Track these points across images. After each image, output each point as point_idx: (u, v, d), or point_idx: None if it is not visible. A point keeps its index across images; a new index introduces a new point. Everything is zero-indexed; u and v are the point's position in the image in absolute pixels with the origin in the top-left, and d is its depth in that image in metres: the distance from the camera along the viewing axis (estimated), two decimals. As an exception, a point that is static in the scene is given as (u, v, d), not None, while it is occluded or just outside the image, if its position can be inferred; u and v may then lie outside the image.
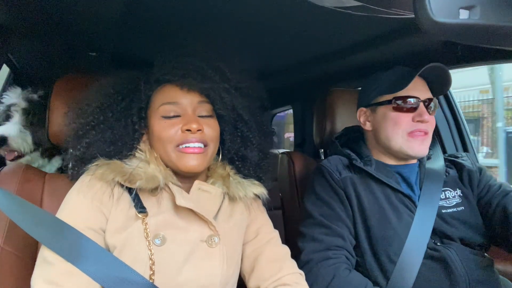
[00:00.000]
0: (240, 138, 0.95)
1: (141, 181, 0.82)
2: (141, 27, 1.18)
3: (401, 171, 1.18)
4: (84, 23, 1.17)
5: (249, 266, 0.96)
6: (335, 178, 1.15)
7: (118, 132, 0.88)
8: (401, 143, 1.13)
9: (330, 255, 1.04)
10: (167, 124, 0.86)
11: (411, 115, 1.12)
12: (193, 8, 1.02)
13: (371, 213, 1.09)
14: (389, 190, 1.12)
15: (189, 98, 0.87)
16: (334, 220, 1.09)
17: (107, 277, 0.75)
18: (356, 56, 1.36)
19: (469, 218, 1.12)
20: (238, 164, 0.96)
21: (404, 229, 1.06)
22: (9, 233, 0.93)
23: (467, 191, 1.17)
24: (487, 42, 0.49)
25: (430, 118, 1.12)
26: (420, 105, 1.12)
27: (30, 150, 1.46)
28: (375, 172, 1.13)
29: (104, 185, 0.83)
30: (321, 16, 1.01)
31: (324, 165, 1.20)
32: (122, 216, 0.82)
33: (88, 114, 0.88)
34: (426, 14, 0.43)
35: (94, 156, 0.85)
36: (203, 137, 0.86)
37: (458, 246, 1.07)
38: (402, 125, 1.12)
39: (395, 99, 1.14)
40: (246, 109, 0.93)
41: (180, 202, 0.83)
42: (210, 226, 0.87)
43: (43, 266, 0.77)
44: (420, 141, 1.12)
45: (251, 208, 0.99)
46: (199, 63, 0.86)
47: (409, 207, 1.11)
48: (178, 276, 0.81)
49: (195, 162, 0.85)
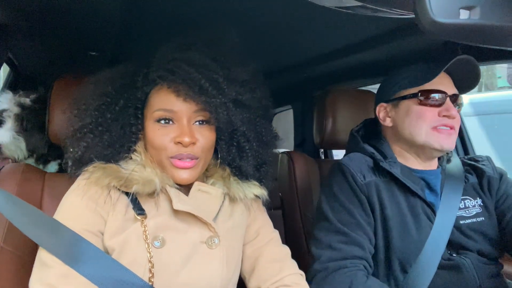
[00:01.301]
0: (236, 148, 0.92)
1: (138, 186, 0.81)
2: (141, 27, 1.18)
3: (427, 177, 1.10)
4: (84, 23, 1.16)
5: (249, 266, 0.96)
6: (358, 183, 1.06)
7: (116, 134, 0.86)
8: (425, 137, 1.05)
9: (347, 265, 0.98)
10: (161, 132, 0.84)
11: (437, 110, 1.05)
12: (193, 8, 1.02)
13: (393, 224, 1.02)
14: (412, 198, 1.05)
15: (185, 106, 0.84)
16: (354, 228, 1.02)
17: (105, 280, 0.75)
18: (356, 56, 1.36)
19: (488, 230, 1.06)
20: (234, 171, 0.94)
21: (423, 240, 1.01)
22: (8, 232, 0.93)
23: (487, 201, 1.10)
24: (487, 42, 0.49)
25: (456, 114, 1.06)
26: (447, 100, 1.06)
27: (24, 157, 1.43)
28: (402, 177, 1.05)
29: (100, 188, 0.82)
30: (321, 16, 1.01)
31: (346, 164, 1.09)
32: (120, 218, 0.82)
33: (86, 116, 0.86)
34: (426, 14, 0.43)
35: (91, 159, 0.84)
36: (194, 151, 0.84)
37: (474, 255, 1.03)
38: (427, 119, 1.05)
39: (421, 92, 1.07)
40: (244, 120, 0.89)
41: (177, 206, 0.82)
42: (210, 227, 0.86)
43: (41, 269, 0.77)
44: (446, 135, 1.05)
45: (251, 208, 0.98)
46: (197, 73, 0.83)
47: (429, 216, 1.05)
48: (177, 278, 0.81)
49: (186, 176, 0.85)
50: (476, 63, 1.06)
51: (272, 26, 1.13)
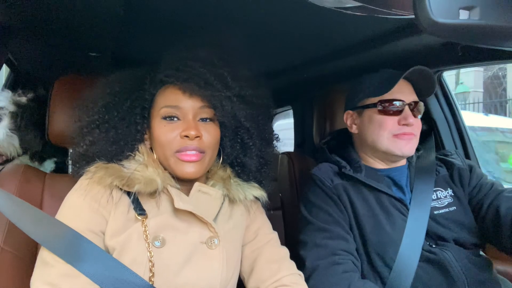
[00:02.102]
0: (240, 145, 0.94)
1: (139, 185, 0.82)
2: (141, 27, 1.18)
3: (391, 175, 1.17)
4: (84, 23, 1.17)
5: (248, 267, 0.96)
6: (327, 186, 1.15)
7: (122, 131, 0.88)
8: (387, 144, 1.13)
9: (337, 260, 1.02)
10: (167, 128, 0.86)
11: (396, 118, 1.12)
12: (193, 8, 1.02)
13: (365, 220, 1.09)
14: (381, 195, 1.12)
15: (190, 102, 0.87)
16: (334, 225, 1.08)
17: (106, 279, 0.75)
18: (356, 56, 1.36)
19: (462, 218, 1.11)
20: (237, 169, 0.96)
21: (398, 233, 1.06)
22: (8, 233, 0.93)
23: (458, 191, 1.16)
24: (487, 42, 0.49)
25: (415, 121, 1.12)
26: (405, 108, 1.12)
27: (18, 154, 1.45)
28: (365, 179, 1.13)
29: (102, 188, 0.83)
30: (321, 16, 1.01)
31: (315, 173, 1.20)
32: (121, 218, 0.82)
33: (94, 113, 0.88)
34: (426, 14, 0.43)
35: (95, 155, 0.85)
36: (200, 144, 0.86)
37: (453, 247, 1.06)
38: (388, 127, 1.13)
39: (380, 102, 1.14)
40: (248, 116, 0.92)
41: (178, 205, 0.83)
42: (210, 228, 0.86)
43: (42, 268, 0.77)
44: (407, 141, 1.12)
45: (250, 209, 0.99)
46: (202, 68, 0.86)
47: (401, 210, 1.10)
48: (177, 278, 0.81)
49: (192, 170, 0.85)
50: (430, 73, 1.12)
51: (272, 26, 1.13)
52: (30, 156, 1.49)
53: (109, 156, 0.86)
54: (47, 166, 1.51)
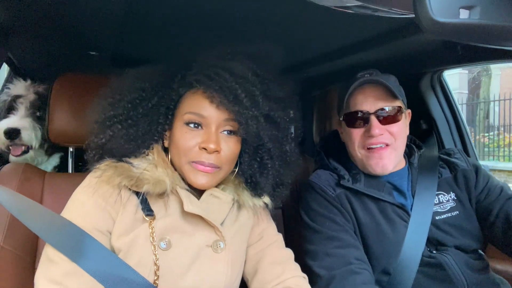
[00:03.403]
0: (258, 164, 0.91)
1: (148, 185, 0.81)
2: (141, 27, 1.18)
3: (392, 180, 1.12)
4: (84, 22, 1.16)
5: (252, 268, 0.96)
6: (330, 195, 1.10)
7: (143, 129, 0.86)
8: (360, 158, 1.09)
9: (353, 269, 0.97)
10: (188, 135, 0.84)
11: (363, 130, 1.07)
12: (193, 9, 1.02)
13: (368, 230, 1.05)
14: (382, 203, 1.08)
15: (216, 113, 0.84)
16: (343, 233, 1.03)
17: (108, 276, 0.75)
18: (356, 55, 1.36)
19: (464, 223, 1.07)
20: (250, 186, 0.93)
21: (400, 240, 1.03)
22: (9, 232, 0.93)
23: (462, 194, 1.11)
24: (487, 42, 0.49)
25: (384, 130, 1.06)
26: (370, 117, 1.06)
27: (40, 145, 1.42)
28: (365, 189, 1.08)
29: (111, 187, 0.82)
30: (321, 15, 1.01)
31: (315, 181, 1.14)
32: (129, 218, 0.82)
33: (120, 107, 0.86)
34: (426, 14, 0.43)
35: (111, 151, 0.84)
36: (217, 159, 0.84)
37: (453, 252, 1.04)
38: (356, 140, 1.09)
39: (344, 116, 1.11)
40: (272, 137, 0.89)
41: (188, 208, 0.82)
42: (217, 231, 0.86)
43: (46, 265, 0.77)
44: (378, 156, 1.06)
45: (256, 211, 0.98)
46: (234, 82, 0.83)
47: (403, 217, 1.07)
48: (182, 280, 0.81)
49: (204, 180, 0.84)
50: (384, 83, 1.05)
51: (272, 26, 1.13)
52: (45, 149, 1.45)
53: (124, 153, 0.84)
54: (51, 161, 1.49)
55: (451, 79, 10.82)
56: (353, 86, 1.06)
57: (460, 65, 1.34)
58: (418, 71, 1.52)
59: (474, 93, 11.48)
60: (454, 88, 9.56)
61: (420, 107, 1.58)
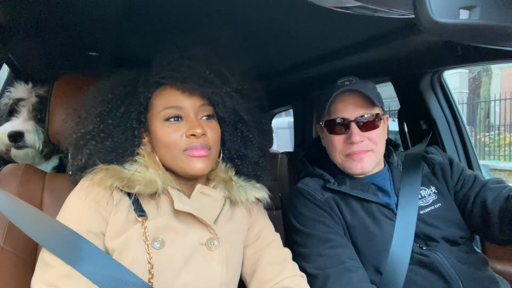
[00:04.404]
0: (240, 138, 0.96)
1: (140, 186, 0.82)
2: (141, 27, 1.18)
3: (375, 181, 1.16)
4: (84, 23, 1.16)
5: (250, 268, 0.96)
6: (318, 199, 1.13)
7: (118, 139, 0.87)
8: (340, 162, 1.14)
9: (347, 267, 0.99)
10: (171, 129, 0.86)
11: (344, 137, 1.11)
12: (193, 8, 1.02)
13: (356, 231, 1.08)
14: (367, 204, 1.11)
15: (190, 102, 0.87)
16: (333, 234, 1.07)
17: (105, 279, 0.75)
18: (356, 56, 1.36)
19: (448, 214, 1.10)
20: (237, 162, 0.96)
21: (388, 239, 1.05)
22: (8, 233, 0.93)
23: (441, 186, 1.15)
24: (487, 42, 0.49)
25: (364, 136, 1.09)
26: (350, 125, 1.10)
27: (42, 148, 1.41)
28: (350, 191, 1.12)
29: (103, 189, 0.82)
30: (321, 16, 1.01)
31: (303, 188, 1.17)
32: (121, 219, 0.82)
33: (88, 123, 0.87)
34: (426, 14, 0.43)
35: (95, 164, 0.85)
36: (207, 141, 0.86)
37: (444, 246, 1.05)
38: (337, 147, 1.13)
39: (325, 123, 1.15)
40: (246, 110, 0.94)
41: (178, 207, 0.83)
42: (210, 229, 0.86)
43: (43, 268, 0.77)
44: (358, 159, 1.10)
45: (252, 211, 0.99)
46: (200, 67, 0.86)
47: (388, 216, 1.09)
48: (177, 279, 0.81)
49: (201, 165, 0.85)
50: (362, 92, 1.09)
51: (272, 26, 1.13)
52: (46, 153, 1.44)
53: (109, 163, 0.85)
54: (50, 162, 1.49)
55: (451, 78, 10.87)
56: (334, 95, 1.09)
57: (460, 65, 1.34)
58: (418, 71, 1.52)
59: (475, 93, 11.57)
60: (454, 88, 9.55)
61: (420, 107, 1.59)
